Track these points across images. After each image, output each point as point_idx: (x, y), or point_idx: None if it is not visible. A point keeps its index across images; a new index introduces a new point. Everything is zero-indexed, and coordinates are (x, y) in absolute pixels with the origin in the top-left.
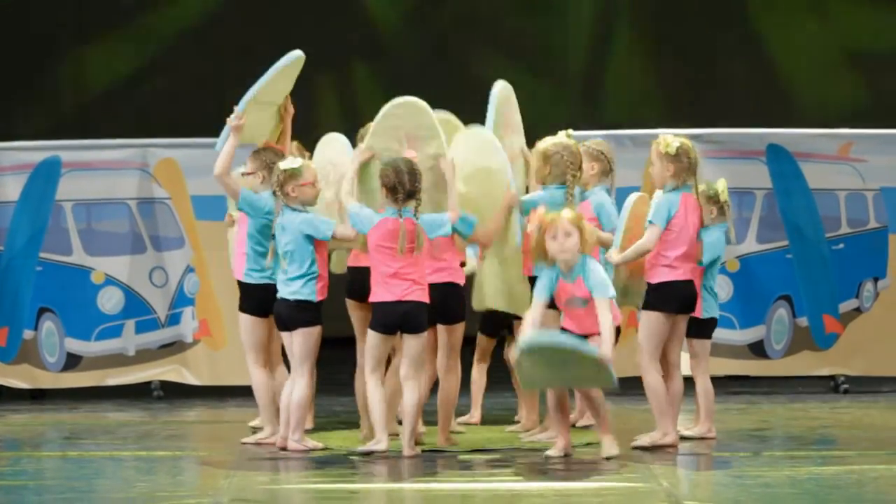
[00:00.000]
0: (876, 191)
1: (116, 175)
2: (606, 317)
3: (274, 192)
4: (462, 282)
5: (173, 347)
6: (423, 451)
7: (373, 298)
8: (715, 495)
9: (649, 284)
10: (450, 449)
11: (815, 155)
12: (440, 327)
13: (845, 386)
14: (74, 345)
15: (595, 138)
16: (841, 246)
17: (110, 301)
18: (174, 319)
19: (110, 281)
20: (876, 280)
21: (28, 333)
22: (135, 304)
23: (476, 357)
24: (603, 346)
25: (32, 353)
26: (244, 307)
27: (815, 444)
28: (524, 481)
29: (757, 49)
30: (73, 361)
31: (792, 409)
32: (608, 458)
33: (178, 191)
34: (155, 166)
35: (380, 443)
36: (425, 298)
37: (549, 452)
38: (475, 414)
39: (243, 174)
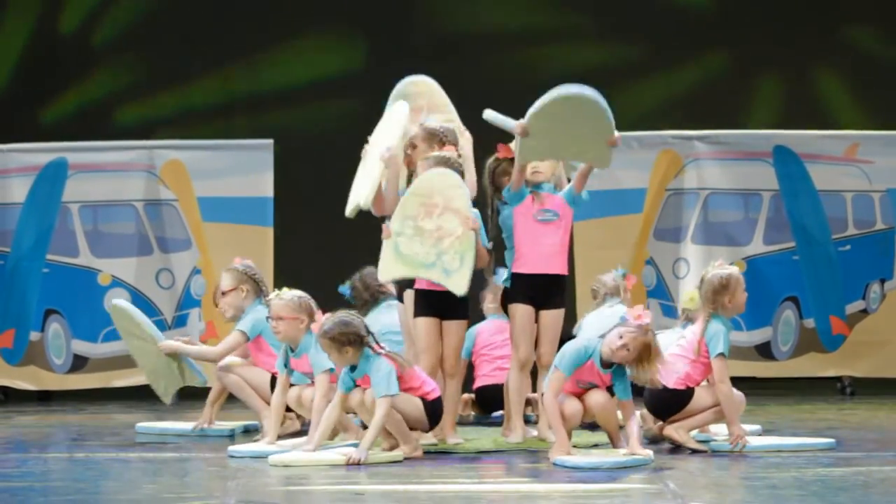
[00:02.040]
0: (882, 192)
1: (123, 177)
2: (635, 420)
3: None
4: None
5: None
6: (424, 452)
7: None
8: (721, 496)
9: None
10: (457, 450)
11: (822, 156)
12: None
13: (851, 388)
14: (81, 346)
15: None
16: (847, 247)
17: None
18: (181, 321)
19: (117, 283)
20: (883, 281)
21: (35, 335)
22: (142, 306)
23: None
24: (631, 443)
25: (39, 354)
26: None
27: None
28: (531, 483)
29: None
30: (79, 363)
31: (799, 410)
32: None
33: (185, 192)
34: (161, 168)
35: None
36: None
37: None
38: None
39: (222, 293)
